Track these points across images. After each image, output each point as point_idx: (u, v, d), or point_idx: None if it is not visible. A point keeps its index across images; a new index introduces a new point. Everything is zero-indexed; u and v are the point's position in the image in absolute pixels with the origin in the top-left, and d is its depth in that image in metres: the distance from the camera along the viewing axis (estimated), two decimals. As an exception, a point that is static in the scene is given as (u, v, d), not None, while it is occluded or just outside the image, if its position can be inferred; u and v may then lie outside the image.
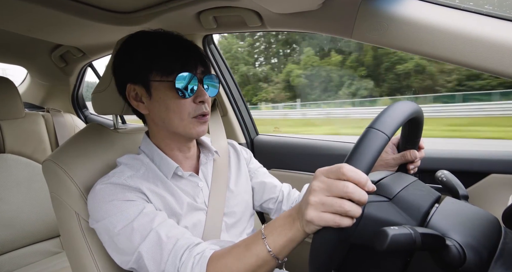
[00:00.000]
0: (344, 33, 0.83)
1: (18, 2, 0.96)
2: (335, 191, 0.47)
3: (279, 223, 0.56)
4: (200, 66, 0.75)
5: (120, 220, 0.66)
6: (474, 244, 0.47)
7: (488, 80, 7.28)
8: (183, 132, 0.74)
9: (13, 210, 1.40)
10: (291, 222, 0.54)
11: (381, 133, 0.48)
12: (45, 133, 1.63)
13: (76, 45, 1.60)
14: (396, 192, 0.56)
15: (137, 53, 0.73)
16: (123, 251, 0.66)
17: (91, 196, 0.70)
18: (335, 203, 0.47)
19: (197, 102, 0.73)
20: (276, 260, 0.56)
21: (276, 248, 0.55)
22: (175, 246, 0.63)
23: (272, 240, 0.55)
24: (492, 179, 0.97)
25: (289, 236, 0.54)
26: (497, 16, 0.64)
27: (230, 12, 1.00)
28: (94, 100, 0.90)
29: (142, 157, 0.79)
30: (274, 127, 8.73)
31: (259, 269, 0.57)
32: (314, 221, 0.48)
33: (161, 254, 0.63)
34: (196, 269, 0.60)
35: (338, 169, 0.47)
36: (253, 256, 0.57)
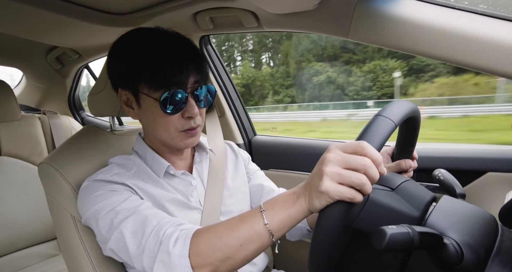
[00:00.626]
0: (341, 33, 0.83)
1: (14, 4, 0.95)
2: (353, 163, 0.46)
3: (281, 198, 0.54)
4: (193, 75, 0.70)
5: (105, 206, 0.65)
6: (472, 242, 0.47)
7: (375, 91, 9.49)
8: (171, 144, 0.74)
9: (10, 212, 1.39)
10: (295, 199, 0.52)
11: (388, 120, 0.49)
12: (41, 136, 1.62)
13: (72, 46, 1.59)
14: (398, 183, 0.57)
15: (127, 58, 0.70)
16: (105, 235, 0.64)
17: (79, 194, 0.71)
18: (352, 174, 0.46)
19: (185, 117, 0.70)
20: (271, 236, 0.53)
21: (273, 223, 0.52)
22: (160, 222, 0.61)
23: (271, 213, 0.53)
24: (489, 178, 0.97)
25: (290, 212, 0.52)
26: (492, 15, 0.64)
27: (227, 12, 1.00)
28: (90, 102, 0.89)
29: (134, 157, 0.78)
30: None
31: (250, 243, 0.53)
32: (330, 192, 0.46)
33: (144, 231, 0.60)
34: (180, 239, 0.56)
35: (358, 144, 0.47)
36: (247, 227, 0.53)
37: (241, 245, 0.53)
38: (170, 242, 0.56)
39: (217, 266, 0.54)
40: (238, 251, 0.53)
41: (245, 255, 0.54)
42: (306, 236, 0.91)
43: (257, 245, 0.54)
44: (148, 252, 0.58)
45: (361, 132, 0.49)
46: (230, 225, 0.55)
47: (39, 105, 2.14)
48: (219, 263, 0.54)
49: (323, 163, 0.48)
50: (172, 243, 0.56)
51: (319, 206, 0.48)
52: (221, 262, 0.54)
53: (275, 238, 0.53)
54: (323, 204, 0.47)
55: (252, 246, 0.53)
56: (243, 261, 0.55)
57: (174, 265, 0.55)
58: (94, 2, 1.02)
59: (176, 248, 0.55)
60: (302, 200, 0.51)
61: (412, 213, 0.53)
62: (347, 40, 0.84)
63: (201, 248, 0.55)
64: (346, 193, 0.45)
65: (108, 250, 0.65)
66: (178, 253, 0.55)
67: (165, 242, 0.57)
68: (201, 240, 0.55)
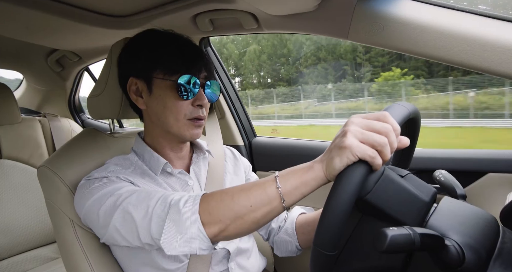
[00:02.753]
0: (340, 34, 0.84)
1: (14, 7, 0.95)
2: (376, 126, 0.48)
3: (296, 167, 0.55)
4: (204, 71, 0.76)
5: (104, 193, 0.65)
6: (473, 243, 0.47)
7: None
8: (177, 132, 0.75)
9: (10, 216, 1.39)
10: (310, 165, 0.53)
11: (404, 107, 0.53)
12: (42, 138, 1.62)
13: (72, 49, 1.60)
14: (406, 173, 0.58)
15: (145, 49, 0.75)
16: (106, 217, 0.63)
17: (76, 193, 0.71)
18: (374, 134, 0.47)
19: (195, 105, 0.74)
20: (282, 201, 0.53)
21: (286, 187, 0.52)
22: (165, 193, 0.61)
23: (285, 179, 0.53)
24: (490, 178, 0.97)
25: (304, 178, 0.52)
26: (491, 15, 0.64)
27: (226, 14, 1.00)
28: (90, 105, 0.89)
29: (131, 157, 0.79)
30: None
31: (261, 206, 0.53)
32: (353, 148, 0.46)
33: (149, 201, 0.60)
34: (190, 200, 0.57)
35: (380, 113, 0.49)
36: (260, 189, 0.54)
37: (251, 205, 0.54)
38: (180, 202, 0.57)
39: (227, 224, 0.55)
40: (248, 212, 0.54)
41: (255, 217, 0.54)
42: (294, 253, 0.92)
43: (268, 208, 0.54)
44: (156, 218, 0.58)
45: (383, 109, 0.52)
46: (243, 187, 0.56)
47: (39, 108, 2.14)
48: (229, 221, 0.54)
49: (346, 125, 0.50)
50: (182, 203, 0.57)
51: (339, 165, 0.48)
52: (231, 221, 0.54)
53: (286, 204, 0.53)
54: (344, 162, 0.48)
55: (263, 208, 0.54)
56: (252, 223, 0.55)
57: (184, 221, 0.55)
58: (94, 4, 1.02)
59: (187, 206, 0.56)
60: (319, 166, 0.52)
61: (423, 198, 0.54)
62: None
63: (212, 205, 0.56)
64: (368, 150, 0.46)
65: (108, 234, 0.64)
66: (189, 210, 0.56)
67: (174, 204, 0.57)
68: (212, 199, 0.56)
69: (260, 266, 0.89)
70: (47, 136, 1.66)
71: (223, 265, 0.79)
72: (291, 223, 0.92)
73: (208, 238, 0.56)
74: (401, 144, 0.50)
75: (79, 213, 0.70)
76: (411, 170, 0.98)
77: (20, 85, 2.15)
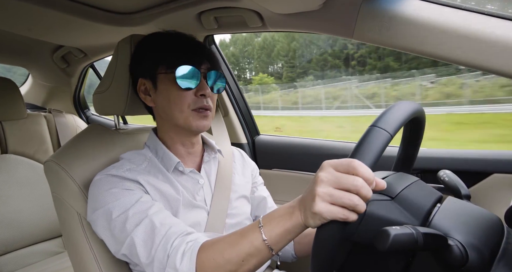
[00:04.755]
0: (345, 33, 0.83)
1: (20, 3, 0.96)
2: (345, 184, 0.46)
3: (278, 213, 0.56)
4: (206, 62, 0.77)
5: (117, 207, 0.66)
6: (477, 244, 0.47)
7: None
8: (183, 124, 0.76)
9: (15, 210, 1.40)
10: (291, 213, 0.53)
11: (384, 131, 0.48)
12: (47, 134, 1.63)
13: (77, 46, 1.61)
14: (398, 191, 0.56)
15: (149, 50, 0.78)
16: (117, 239, 0.66)
17: (90, 188, 0.72)
18: (343, 196, 0.46)
19: (198, 95, 0.74)
20: (270, 250, 0.55)
21: (272, 238, 0.54)
22: (167, 232, 0.63)
23: (269, 229, 0.55)
24: (495, 179, 0.96)
25: (286, 226, 0.53)
26: (499, 15, 0.64)
27: (231, 12, 1.00)
28: (95, 101, 0.90)
29: (145, 152, 0.81)
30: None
31: (251, 258, 0.56)
32: (323, 213, 0.47)
33: (153, 240, 0.62)
34: (186, 255, 0.59)
35: (349, 163, 0.47)
36: (247, 243, 0.56)
37: (242, 260, 0.56)
38: (177, 257, 0.59)
39: None
40: (240, 266, 0.56)
41: (248, 269, 0.57)
42: (289, 259, 0.94)
43: (257, 259, 0.56)
44: (157, 263, 0.61)
45: (354, 148, 0.49)
46: (232, 241, 0.58)
47: (45, 104, 2.16)
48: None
49: (315, 183, 0.49)
50: (179, 259, 0.59)
51: (314, 225, 0.49)
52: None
53: (275, 251, 0.55)
54: (318, 223, 0.49)
55: (253, 260, 0.56)
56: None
57: None
58: (99, 1, 1.03)
59: (183, 264, 0.58)
60: (298, 215, 0.53)
61: (412, 223, 0.52)
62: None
63: (206, 265, 0.58)
64: (339, 213, 0.46)
65: (120, 255, 0.68)
66: (185, 270, 0.58)
67: (172, 256, 0.60)
68: (206, 257, 0.58)
69: (266, 264, 0.89)
70: (52, 131, 1.67)
71: None
72: None
73: None
74: (378, 188, 0.48)
75: (90, 210, 0.71)
76: (414, 170, 0.98)
77: (26, 81, 2.16)
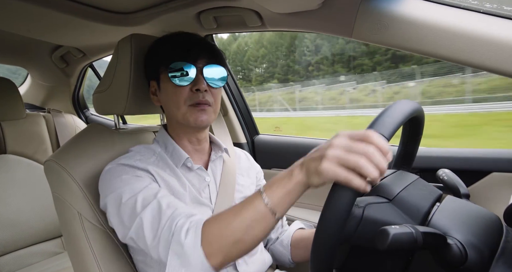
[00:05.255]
0: (344, 32, 0.83)
1: (19, 3, 0.96)
2: (355, 149, 0.47)
3: (277, 178, 0.56)
4: (204, 57, 0.77)
5: (127, 191, 0.67)
6: (476, 242, 0.47)
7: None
8: (181, 120, 0.77)
9: (14, 210, 1.40)
10: (290, 174, 0.54)
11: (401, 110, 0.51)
12: (46, 134, 1.63)
13: (76, 45, 1.60)
14: (396, 192, 0.56)
15: (153, 53, 0.81)
16: (126, 222, 0.66)
17: (101, 177, 0.73)
18: (351, 158, 0.47)
19: (194, 90, 0.75)
20: (273, 215, 0.55)
21: (273, 201, 0.54)
22: (173, 213, 0.63)
23: (270, 192, 0.55)
24: (494, 178, 0.97)
25: (287, 187, 0.54)
26: (497, 14, 0.64)
27: (230, 12, 1.00)
28: (95, 100, 0.90)
29: (155, 147, 0.82)
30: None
31: (256, 224, 0.55)
32: (327, 172, 0.47)
33: (159, 222, 0.63)
34: (191, 230, 0.59)
35: (365, 132, 0.48)
36: (250, 209, 0.56)
37: (247, 226, 0.56)
38: (182, 233, 0.59)
39: (229, 251, 0.57)
40: (246, 234, 0.56)
41: (254, 236, 0.56)
42: (287, 264, 0.96)
43: (262, 225, 0.56)
44: (163, 242, 0.61)
45: (372, 121, 0.50)
46: (235, 210, 0.58)
47: (43, 104, 2.15)
48: (230, 248, 0.57)
49: (328, 146, 0.50)
50: (184, 234, 0.59)
51: (316, 183, 0.50)
52: (232, 246, 0.56)
53: (279, 215, 0.55)
54: (320, 182, 0.50)
55: (258, 227, 0.56)
56: (253, 242, 0.57)
57: (188, 255, 0.57)
58: (98, 1, 1.03)
59: (188, 239, 0.58)
60: (298, 173, 0.53)
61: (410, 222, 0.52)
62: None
63: (211, 237, 0.57)
64: (342, 174, 0.46)
65: (128, 238, 0.67)
66: (191, 244, 0.57)
67: (176, 233, 0.59)
68: (210, 229, 0.58)
69: (265, 262, 0.90)
70: (51, 131, 1.67)
71: None
72: (288, 236, 0.96)
73: (214, 267, 0.58)
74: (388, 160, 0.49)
75: (102, 196, 0.72)
76: (413, 169, 0.98)
77: (24, 81, 2.16)
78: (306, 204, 1.36)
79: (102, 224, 0.78)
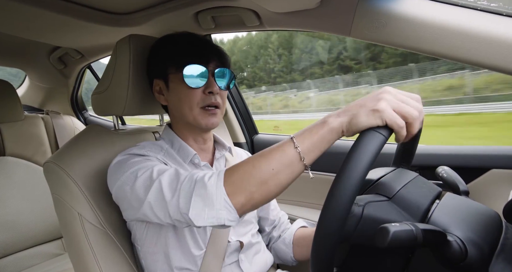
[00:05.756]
0: (343, 31, 0.83)
1: (16, 5, 0.96)
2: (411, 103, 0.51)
3: (310, 125, 0.56)
4: (215, 60, 0.79)
5: (141, 168, 0.68)
6: (476, 239, 0.47)
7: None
8: (193, 122, 0.78)
9: (14, 212, 1.40)
10: (324, 122, 0.54)
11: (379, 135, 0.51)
12: (44, 136, 1.63)
13: (74, 47, 1.60)
14: (396, 190, 0.56)
15: (161, 52, 0.81)
16: (141, 195, 0.64)
17: (110, 168, 0.73)
18: (409, 107, 0.50)
19: (206, 93, 0.76)
20: (302, 160, 0.54)
21: (304, 146, 0.54)
22: (191, 173, 0.63)
23: (301, 138, 0.55)
24: (493, 175, 0.97)
25: (320, 133, 0.54)
26: (494, 11, 0.64)
27: (228, 12, 1.00)
28: (94, 101, 0.90)
29: (162, 143, 0.83)
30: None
31: (283, 168, 0.55)
32: (385, 112, 0.48)
33: (178, 180, 0.62)
34: (214, 175, 0.59)
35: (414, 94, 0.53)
36: (279, 151, 0.55)
37: (273, 169, 0.55)
38: (205, 177, 0.59)
39: (252, 192, 0.56)
40: (271, 176, 0.55)
41: (279, 180, 0.55)
42: (289, 263, 0.97)
43: (289, 169, 0.55)
44: (184, 193, 0.60)
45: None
46: (263, 152, 0.58)
47: (42, 105, 2.15)
48: (254, 188, 0.55)
49: (381, 92, 0.51)
50: (207, 178, 0.59)
51: (364, 124, 0.50)
52: (256, 187, 0.55)
53: (307, 162, 0.55)
54: (370, 122, 0.49)
55: (285, 170, 0.55)
56: (276, 186, 0.56)
57: (210, 195, 0.57)
58: (96, 2, 1.03)
59: (212, 180, 0.58)
60: (336, 120, 0.53)
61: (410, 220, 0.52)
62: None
63: (235, 176, 0.57)
64: (398, 119, 0.48)
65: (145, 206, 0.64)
66: (214, 183, 0.57)
67: (199, 180, 0.59)
68: (235, 170, 0.58)
69: (267, 262, 0.91)
70: (50, 133, 1.66)
71: (234, 257, 0.82)
72: (290, 234, 0.97)
73: (235, 208, 0.56)
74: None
75: (111, 187, 0.71)
76: (413, 166, 0.98)
77: (22, 82, 2.15)
78: (308, 203, 1.36)
79: (103, 225, 0.78)
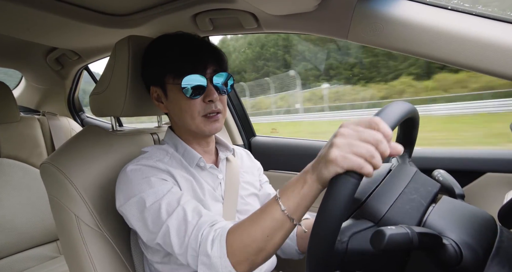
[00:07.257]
0: (340, 34, 0.84)
1: (13, 6, 0.95)
2: (365, 137, 0.47)
3: (291, 182, 0.57)
4: (211, 65, 0.78)
5: (151, 195, 0.68)
6: (471, 242, 0.48)
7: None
8: (196, 130, 0.78)
9: (9, 214, 1.38)
10: (304, 177, 0.54)
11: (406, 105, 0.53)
12: (41, 137, 1.62)
13: (71, 48, 1.59)
14: (383, 214, 0.55)
15: (155, 58, 0.80)
16: (151, 227, 0.67)
17: (122, 177, 0.73)
18: (361, 144, 0.47)
19: (206, 101, 0.76)
20: (291, 220, 0.56)
21: (290, 207, 0.55)
22: (198, 221, 0.65)
23: (286, 199, 0.56)
24: (488, 178, 0.98)
25: (302, 192, 0.54)
26: (490, 16, 0.65)
27: (226, 14, 1.00)
28: (92, 102, 0.89)
29: (167, 147, 0.83)
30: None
31: (275, 232, 0.57)
32: (338, 160, 0.47)
33: (186, 229, 0.64)
34: (216, 241, 0.61)
35: (372, 119, 0.48)
36: (268, 217, 0.57)
37: (267, 236, 0.57)
38: (208, 244, 0.61)
39: (253, 259, 0.59)
40: (267, 242, 0.58)
41: (275, 243, 0.58)
42: (295, 256, 0.95)
43: (282, 232, 0.57)
44: (191, 251, 0.63)
45: (377, 112, 0.51)
46: (254, 218, 0.60)
47: (38, 107, 2.14)
48: (254, 257, 0.59)
49: (335, 136, 0.50)
50: (210, 245, 0.61)
51: (327, 175, 0.49)
52: (256, 255, 0.59)
53: (296, 221, 0.56)
54: (331, 173, 0.48)
55: (278, 234, 0.57)
56: (274, 249, 0.59)
57: (216, 266, 0.60)
58: (94, 3, 1.02)
59: (214, 250, 0.60)
60: (311, 177, 0.53)
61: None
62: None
63: (235, 247, 0.59)
64: (354, 162, 0.46)
65: (155, 243, 0.68)
66: (217, 255, 0.60)
67: (203, 244, 0.62)
68: (233, 240, 0.60)
69: (270, 262, 0.91)
70: (46, 135, 1.65)
71: None
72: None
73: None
74: (395, 151, 0.49)
75: (124, 197, 0.71)
76: None
77: (19, 83, 2.14)
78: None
79: (99, 227, 0.77)
